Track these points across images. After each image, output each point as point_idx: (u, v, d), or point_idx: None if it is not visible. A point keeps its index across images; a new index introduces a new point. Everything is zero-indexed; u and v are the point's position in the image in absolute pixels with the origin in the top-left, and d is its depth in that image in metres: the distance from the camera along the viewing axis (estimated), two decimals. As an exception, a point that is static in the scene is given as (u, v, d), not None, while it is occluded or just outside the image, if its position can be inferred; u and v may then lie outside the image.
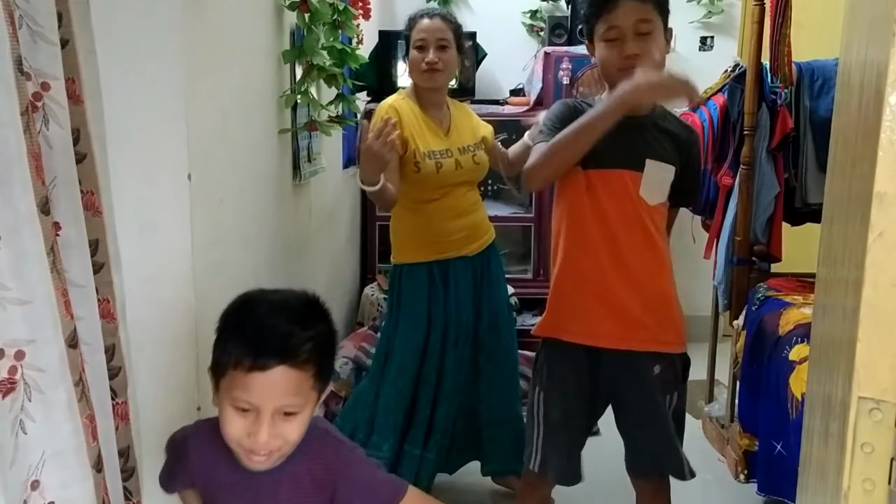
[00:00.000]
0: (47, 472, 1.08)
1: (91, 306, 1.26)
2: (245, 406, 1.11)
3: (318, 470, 1.22)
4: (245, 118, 1.95)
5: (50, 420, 1.07)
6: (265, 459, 1.14)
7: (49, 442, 1.07)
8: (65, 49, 1.22)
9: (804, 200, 3.01)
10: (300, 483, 1.21)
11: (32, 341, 1.04)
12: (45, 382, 1.05)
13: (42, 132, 1.16)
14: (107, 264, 1.34)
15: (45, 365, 1.05)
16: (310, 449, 1.21)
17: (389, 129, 2.03)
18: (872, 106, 0.82)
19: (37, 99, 1.16)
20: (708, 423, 3.21)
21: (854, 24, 0.98)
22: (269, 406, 1.11)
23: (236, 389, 1.11)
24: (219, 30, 1.71)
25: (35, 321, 1.04)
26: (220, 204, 1.73)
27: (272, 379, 1.10)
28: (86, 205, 1.29)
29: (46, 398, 1.06)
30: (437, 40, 2.34)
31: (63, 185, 1.21)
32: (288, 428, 1.13)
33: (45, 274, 1.05)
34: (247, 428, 1.12)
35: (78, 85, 1.26)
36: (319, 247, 2.93)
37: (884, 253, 0.79)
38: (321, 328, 1.18)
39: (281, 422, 1.12)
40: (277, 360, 1.10)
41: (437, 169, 2.34)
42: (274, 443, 1.13)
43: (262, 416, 1.11)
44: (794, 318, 2.56)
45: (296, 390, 1.12)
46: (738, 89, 2.94)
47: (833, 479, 0.86)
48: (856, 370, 0.81)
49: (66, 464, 1.09)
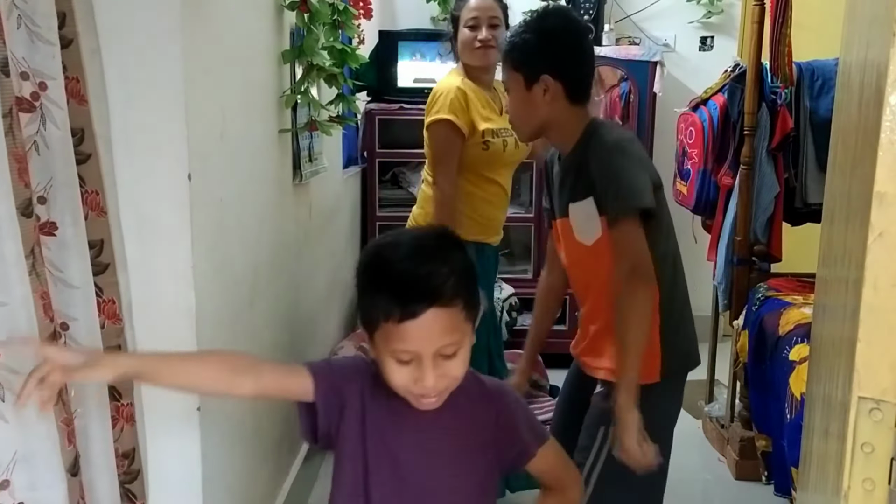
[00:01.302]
0: (18, 472, 1.08)
1: (88, 308, 1.26)
2: (406, 357, 1.10)
3: (475, 396, 1.23)
4: (245, 118, 1.95)
5: (22, 421, 1.06)
6: (435, 400, 1.14)
7: (21, 443, 1.07)
8: (69, 48, 1.22)
9: (804, 200, 3.01)
10: (461, 410, 1.20)
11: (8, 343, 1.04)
12: (19, 384, 1.05)
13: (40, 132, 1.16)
14: (112, 265, 1.34)
15: (19, 366, 1.04)
16: (465, 382, 1.20)
17: None
18: (872, 106, 0.82)
19: (34, 99, 1.15)
20: (708, 423, 3.21)
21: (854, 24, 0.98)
22: (428, 351, 1.09)
23: (393, 342, 1.10)
24: (219, 30, 1.71)
25: (10, 323, 1.03)
26: (220, 204, 1.73)
27: (426, 324, 1.08)
28: (90, 205, 1.29)
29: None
30: (490, 18, 2.33)
31: (60, 185, 1.20)
32: (452, 366, 1.12)
33: (22, 276, 1.04)
34: (412, 375, 1.11)
35: (82, 84, 1.25)
36: (319, 247, 2.93)
37: (884, 253, 0.79)
38: (457, 258, 1.15)
39: (443, 362, 1.11)
40: (426, 304, 1.08)
41: (504, 147, 2.36)
42: (441, 383, 1.12)
43: (425, 361, 1.10)
44: (794, 318, 2.56)
45: (451, 328, 1.11)
46: (738, 89, 2.94)
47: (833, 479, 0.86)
48: (856, 370, 0.81)
49: (37, 466, 1.09)
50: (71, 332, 1.25)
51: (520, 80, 1.72)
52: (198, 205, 1.54)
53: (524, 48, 1.72)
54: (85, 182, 1.28)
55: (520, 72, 1.72)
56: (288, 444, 2.49)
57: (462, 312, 1.12)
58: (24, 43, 1.13)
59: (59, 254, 1.21)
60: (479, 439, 1.22)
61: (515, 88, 1.74)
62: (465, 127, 2.29)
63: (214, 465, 1.69)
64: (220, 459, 1.76)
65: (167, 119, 1.46)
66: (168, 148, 1.47)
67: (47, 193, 1.19)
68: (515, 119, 1.80)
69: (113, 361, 1.07)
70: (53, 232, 1.21)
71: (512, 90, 1.75)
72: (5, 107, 1.03)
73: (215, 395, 1.15)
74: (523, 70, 1.71)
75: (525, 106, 1.73)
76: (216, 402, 1.70)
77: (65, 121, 1.18)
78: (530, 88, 1.71)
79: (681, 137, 3.23)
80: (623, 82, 3.99)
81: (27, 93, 1.15)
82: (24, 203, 1.07)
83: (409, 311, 1.07)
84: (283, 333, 2.38)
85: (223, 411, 1.77)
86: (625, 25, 4.19)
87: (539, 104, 1.71)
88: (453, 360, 1.12)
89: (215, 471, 1.70)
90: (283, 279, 2.38)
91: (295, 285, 2.54)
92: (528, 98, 1.72)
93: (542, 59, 1.71)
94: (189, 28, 1.48)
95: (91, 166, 1.29)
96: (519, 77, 1.72)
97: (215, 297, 1.69)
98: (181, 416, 1.56)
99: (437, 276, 1.09)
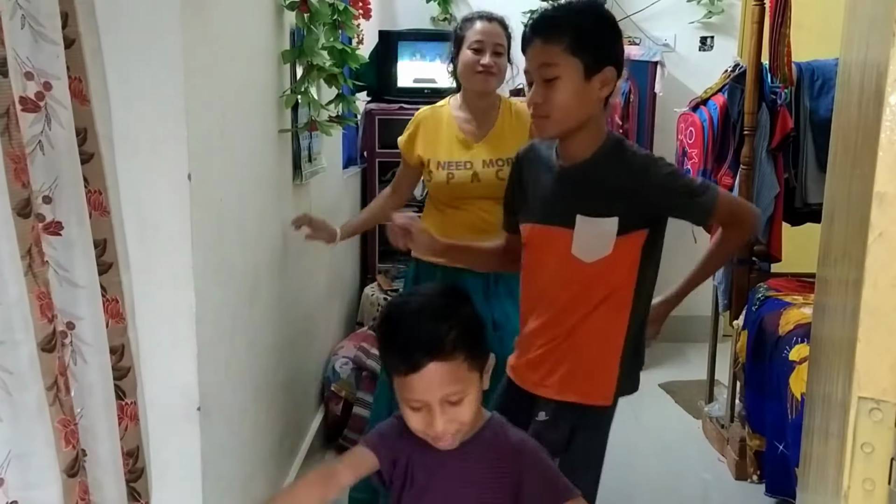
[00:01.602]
0: (12, 471, 1.08)
1: (94, 307, 1.25)
2: (416, 405, 1.23)
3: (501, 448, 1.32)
4: (245, 118, 1.95)
5: (17, 421, 1.06)
6: (450, 441, 1.25)
7: (15, 442, 1.07)
8: (71, 48, 1.22)
9: (804, 200, 3.01)
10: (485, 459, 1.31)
11: (2, 343, 1.03)
12: (12, 384, 1.04)
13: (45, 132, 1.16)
14: (115, 264, 1.34)
15: (13, 366, 1.04)
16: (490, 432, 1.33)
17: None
18: (872, 106, 0.82)
19: (39, 98, 1.15)
20: (708, 423, 3.21)
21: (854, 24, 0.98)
22: (434, 399, 1.21)
23: (404, 391, 1.23)
24: (219, 30, 1.71)
25: (5, 323, 1.03)
26: (220, 204, 1.73)
27: (428, 376, 1.20)
28: (93, 205, 1.29)
29: (14, 400, 1.05)
30: (495, 45, 2.28)
31: (65, 185, 1.20)
32: (459, 412, 1.23)
33: (18, 276, 1.04)
34: (424, 420, 1.23)
35: (84, 84, 1.25)
36: (319, 247, 2.93)
37: (884, 253, 0.79)
38: (461, 314, 1.27)
39: (451, 408, 1.22)
40: (427, 360, 1.20)
41: (448, 180, 2.31)
42: (451, 427, 1.23)
43: (433, 408, 1.21)
44: (794, 318, 2.56)
45: (452, 379, 1.21)
46: (738, 89, 2.94)
47: (833, 479, 0.86)
48: (856, 370, 0.81)
49: (32, 465, 1.09)
50: (77, 331, 1.25)
51: (578, 68, 1.54)
52: (198, 205, 1.54)
53: (591, 32, 1.57)
54: (88, 182, 1.28)
55: (580, 57, 1.53)
56: (288, 443, 2.49)
57: (465, 363, 1.22)
58: (28, 43, 1.13)
59: (64, 253, 1.21)
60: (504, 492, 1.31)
61: (569, 76, 1.54)
62: (407, 154, 2.41)
63: (214, 465, 1.69)
64: (220, 459, 1.76)
65: (167, 119, 1.46)
66: (168, 148, 1.47)
67: (52, 193, 1.19)
68: (559, 111, 1.57)
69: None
70: (59, 231, 1.21)
71: (563, 77, 1.54)
72: (2, 107, 1.03)
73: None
74: (587, 56, 1.54)
75: (577, 98, 1.55)
76: (216, 402, 1.70)
77: (70, 120, 1.18)
78: (590, 79, 1.55)
79: (681, 137, 3.24)
80: (623, 82, 3.99)
81: (32, 92, 1.15)
82: (22, 203, 1.06)
83: (411, 366, 1.20)
84: (283, 333, 2.38)
85: (223, 411, 1.77)
86: (625, 25, 4.18)
87: (593, 98, 1.57)
88: (460, 407, 1.23)
89: (215, 471, 1.70)
90: (283, 279, 2.38)
91: (295, 285, 2.54)
92: (583, 89, 1.55)
93: (610, 48, 1.59)
94: (189, 28, 1.48)
95: (94, 166, 1.29)
96: (578, 64, 1.53)
97: (215, 297, 1.69)
98: (181, 415, 1.56)
99: (436, 334, 1.20)
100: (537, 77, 1.57)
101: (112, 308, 1.34)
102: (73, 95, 1.23)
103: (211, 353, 1.66)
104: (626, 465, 2.89)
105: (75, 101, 1.24)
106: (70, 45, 1.22)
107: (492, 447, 1.31)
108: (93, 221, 1.29)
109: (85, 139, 1.26)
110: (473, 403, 1.26)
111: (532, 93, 1.59)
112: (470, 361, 1.23)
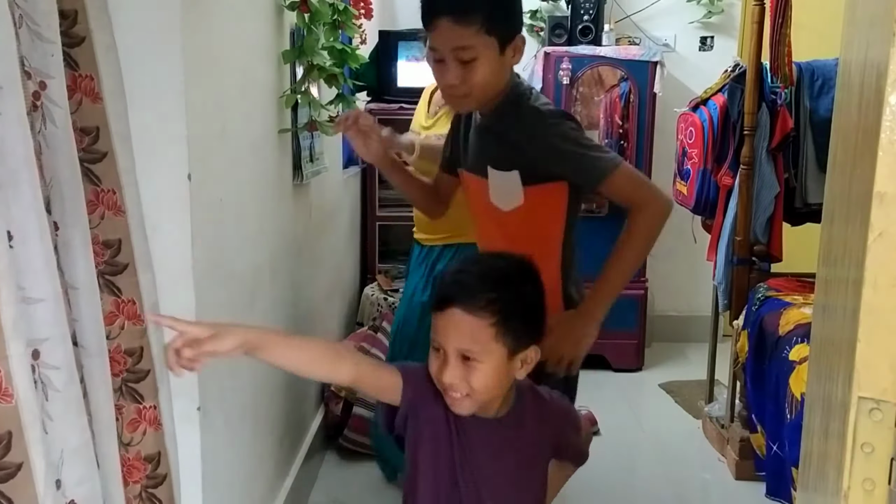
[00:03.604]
0: (66, 469, 1.07)
1: (91, 309, 1.25)
2: (436, 345, 1.24)
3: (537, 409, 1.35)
4: (245, 118, 1.95)
5: (66, 417, 1.06)
6: (460, 400, 1.24)
7: (66, 439, 1.07)
8: (81, 46, 1.22)
9: (804, 200, 3.01)
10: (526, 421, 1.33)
11: (47, 339, 1.03)
12: (60, 380, 1.05)
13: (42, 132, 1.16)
14: (131, 264, 1.33)
15: (59, 362, 1.04)
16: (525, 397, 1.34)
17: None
18: (872, 106, 0.82)
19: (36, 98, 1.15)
20: (708, 423, 3.21)
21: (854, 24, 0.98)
22: (450, 346, 1.22)
23: (431, 330, 1.25)
24: (219, 30, 1.71)
25: (48, 319, 1.03)
26: (220, 204, 1.73)
27: (449, 319, 1.21)
28: (107, 204, 1.29)
29: (62, 395, 1.05)
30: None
31: (61, 185, 1.20)
32: (470, 374, 1.21)
33: (54, 272, 1.04)
34: (438, 366, 1.23)
35: (97, 82, 1.25)
36: (319, 247, 2.93)
37: (884, 253, 0.78)
38: (519, 289, 1.25)
39: (464, 366, 1.21)
40: (450, 302, 1.21)
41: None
42: (458, 384, 1.22)
43: (448, 356, 1.22)
44: (794, 318, 2.56)
45: (472, 336, 1.21)
46: (738, 89, 2.94)
47: (833, 479, 0.86)
48: (856, 370, 0.81)
49: (79, 460, 1.09)
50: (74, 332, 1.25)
51: (494, 45, 1.54)
52: (198, 205, 1.54)
53: (501, 6, 1.55)
54: (101, 181, 1.28)
55: (495, 35, 1.53)
56: (288, 443, 2.49)
57: (491, 329, 1.21)
58: (25, 42, 1.13)
59: (61, 254, 1.20)
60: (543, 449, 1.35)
61: (486, 56, 1.53)
62: None
63: (214, 464, 1.69)
64: (220, 459, 1.76)
65: (167, 119, 1.46)
66: (168, 148, 1.47)
67: (50, 193, 1.19)
68: (479, 89, 1.57)
69: (235, 333, 1.14)
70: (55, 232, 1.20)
71: (481, 57, 1.53)
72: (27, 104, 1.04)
73: (316, 376, 1.30)
74: (501, 31, 1.53)
75: (494, 74, 1.56)
76: (216, 402, 1.70)
77: (65, 120, 1.18)
78: (503, 52, 1.56)
79: (681, 137, 3.24)
80: (623, 82, 3.99)
81: (30, 92, 1.15)
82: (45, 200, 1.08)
83: (437, 305, 1.23)
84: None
85: (223, 411, 1.77)
86: (625, 25, 4.19)
87: (507, 68, 1.59)
88: (473, 370, 1.21)
89: (215, 470, 1.70)
90: (283, 279, 2.38)
91: (295, 285, 2.54)
92: (499, 63, 1.56)
93: (518, 16, 1.59)
94: (189, 28, 1.48)
95: (107, 165, 1.28)
96: (493, 42, 1.53)
97: (215, 297, 1.69)
98: (181, 416, 1.56)
99: (475, 287, 1.21)
100: (451, 57, 1.54)
101: (128, 309, 1.33)
102: (85, 93, 1.23)
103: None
104: (626, 465, 2.89)
105: (87, 100, 1.24)
106: (80, 42, 1.21)
107: (530, 412, 1.33)
108: (106, 221, 1.29)
109: (97, 138, 1.26)
110: (487, 376, 1.22)
111: (447, 73, 1.55)
112: (498, 332, 1.21)
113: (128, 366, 1.34)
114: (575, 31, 3.90)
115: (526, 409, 1.33)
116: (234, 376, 1.86)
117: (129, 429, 1.37)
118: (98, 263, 1.29)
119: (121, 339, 1.34)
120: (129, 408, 1.37)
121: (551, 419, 1.37)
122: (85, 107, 1.23)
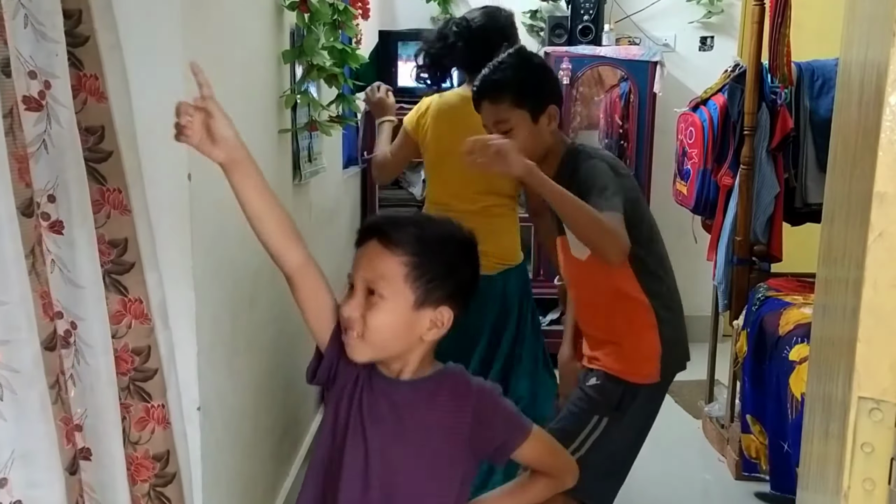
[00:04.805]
0: (15, 470, 1.07)
1: (95, 308, 1.25)
2: (350, 281, 1.21)
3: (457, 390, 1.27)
4: (245, 118, 1.94)
5: (22, 420, 1.06)
6: (353, 336, 1.19)
7: (20, 441, 1.06)
8: (85, 45, 1.22)
9: (804, 200, 3.01)
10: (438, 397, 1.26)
11: (7, 342, 1.03)
12: (18, 383, 1.04)
13: (47, 131, 1.16)
14: (138, 264, 1.33)
15: (18, 365, 1.04)
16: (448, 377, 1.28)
17: None
18: (872, 106, 0.82)
19: (41, 97, 1.15)
20: (708, 423, 3.21)
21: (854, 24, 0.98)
22: (359, 276, 1.20)
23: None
24: (219, 30, 1.71)
25: (10, 322, 1.03)
26: (220, 204, 1.73)
27: (364, 251, 1.21)
28: (112, 203, 1.28)
29: (18, 398, 1.05)
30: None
31: (66, 184, 1.20)
32: (370, 311, 1.18)
33: (22, 276, 1.03)
34: (346, 299, 1.21)
35: (101, 81, 1.25)
36: (319, 247, 2.93)
37: (884, 253, 0.78)
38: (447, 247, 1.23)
39: (367, 301, 1.18)
40: (371, 235, 1.21)
41: None
42: (357, 322, 1.18)
43: (356, 289, 1.20)
44: (794, 318, 2.56)
45: (381, 269, 1.18)
46: (738, 89, 2.94)
47: (833, 479, 0.86)
48: (856, 370, 0.81)
49: (36, 464, 1.08)
50: (79, 331, 1.24)
51: (525, 116, 1.81)
52: (198, 205, 1.54)
53: (528, 83, 1.83)
54: (107, 180, 1.28)
55: (525, 108, 1.81)
56: (288, 444, 2.49)
57: (403, 269, 1.18)
58: (30, 42, 1.13)
59: (67, 252, 1.20)
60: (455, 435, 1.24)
61: (519, 126, 1.81)
62: None
63: (214, 465, 1.69)
64: (220, 459, 1.76)
65: (167, 119, 1.46)
66: (168, 148, 1.47)
67: (56, 192, 1.19)
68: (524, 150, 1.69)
69: (230, 146, 1.21)
70: (61, 231, 1.20)
71: (515, 128, 1.80)
72: (6, 107, 1.03)
73: (267, 239, 1.27)
74: (530, 104, 1.81)
75: (532, 138, 1.81)
76: (216, 402, 1.70)
77: (70, 119, 1.18)
78: (537, 121, 1.82)
79: (681, 137, 3.23)
80: (623, 82, 3.99)
81: (35, 91, 1.15)
82: (25, 203, 1.07)
83: (359, 239, 1.23)
84: (282, 333, 2.38)
85: (223, 411, 1.77)
86: (625, 25, 4.19)
87: (545, 134, 1.84)
88: (374, 308, 1.17)
89: (215, 471, 1.70)
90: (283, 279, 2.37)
91: (295, 285, 2.53)
92: (534, 131, 1.82)
93: (547, 89, 1.86)
94: (189, 28, 1.48)
95: (113, 164, 1.28)
96: (524, 113, 1.81)
97: (215, 297, 1.69)
98: (181, 416, 1.56)
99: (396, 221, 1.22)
100: (495, 131, 1.81)
101: (135, 308, 1.33)
102: (90, 93, 1.23)
103: (211, 353, 1.66)
104: (626, 465, 2.89)
105: (92, 99, 1.24)
106: (84, 41, 1.21)
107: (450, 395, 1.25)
108: (112, 220, 1.28)
109: (102, 137, 1.26)
110: (388, 318, 1.18)
111: None
112: (410, 272, 1.17)
113: (135, 364, 1.34)
114: (575, 31, 3.90)
115: (443, 389, 1.25)
116: (234, 376, 1.86)
117: (136, 427, 1.37)
118: (104, 262, 1.29)
119: (128, 337, 1.34)
120: (137, 406, 1.37)
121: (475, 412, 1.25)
122: (90, 106, 1.23)
